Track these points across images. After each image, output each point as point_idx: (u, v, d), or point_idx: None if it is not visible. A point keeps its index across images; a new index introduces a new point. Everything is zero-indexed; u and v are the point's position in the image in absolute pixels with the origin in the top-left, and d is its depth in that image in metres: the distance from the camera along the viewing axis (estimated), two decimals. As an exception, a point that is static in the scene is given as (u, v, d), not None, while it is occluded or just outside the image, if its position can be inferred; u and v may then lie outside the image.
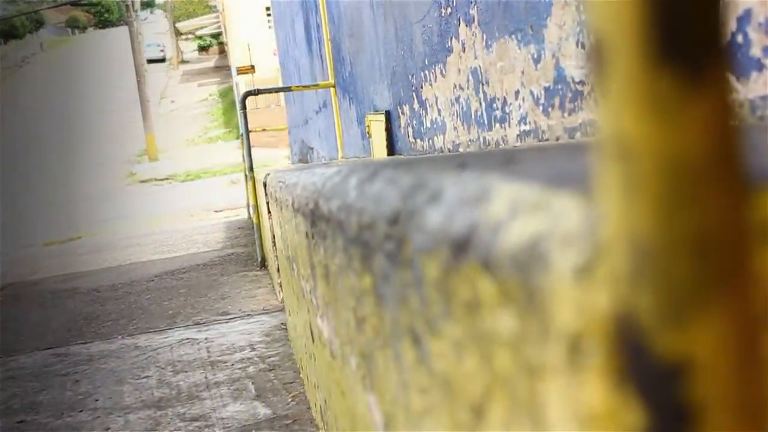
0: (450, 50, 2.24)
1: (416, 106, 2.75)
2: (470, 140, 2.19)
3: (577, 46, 1.43)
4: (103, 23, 54.61)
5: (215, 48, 40.02)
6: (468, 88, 2.14)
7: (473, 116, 2.14)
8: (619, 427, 0.33)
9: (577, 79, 1.42)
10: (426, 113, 2.63)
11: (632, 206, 0.30)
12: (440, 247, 0.47)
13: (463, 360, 0.46)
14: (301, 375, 2.29)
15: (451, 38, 2.21)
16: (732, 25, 0.86)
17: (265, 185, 3.22)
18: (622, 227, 0.30)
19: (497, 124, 1.97)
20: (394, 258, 0.58)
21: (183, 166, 18.24)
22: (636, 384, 0.30)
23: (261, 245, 4.60)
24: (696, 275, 0.29)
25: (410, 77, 2.75)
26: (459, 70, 2.19)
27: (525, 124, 1.75)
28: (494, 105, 1.96)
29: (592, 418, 0.33)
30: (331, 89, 4.62)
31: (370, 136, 3.58)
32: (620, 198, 0.30)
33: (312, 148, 6.50)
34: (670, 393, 0.29)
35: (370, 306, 0.70)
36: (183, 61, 39.75)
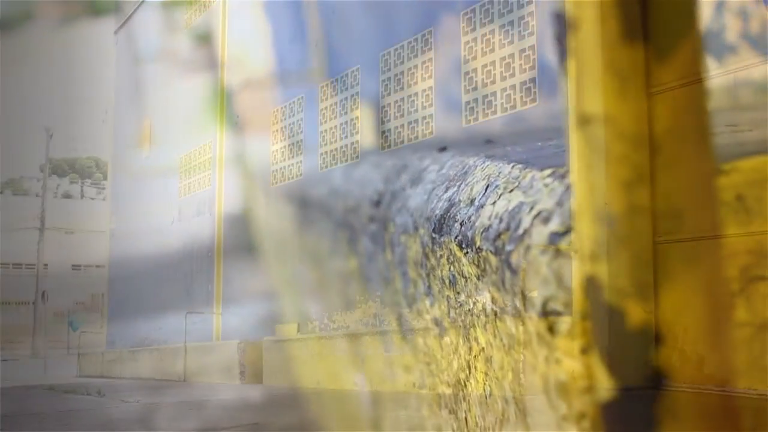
0: (435, 41, 2.24)
1: (403, 95, 2.75)
2: (454, 128, 2.20)
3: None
4: (95, 15, 54.19)
5: (207, 42, 39.67)
6: (453, 76, 2.15)
7: (458, 104, 2.14)
8: (591, 389, 0.34)
9: (555, 66, 1.43)
10: (412, 102, 2.63)
11: (598, 179, 0.31)
12: (421, 226, 0.48)
13: (445, 335, 0.47)
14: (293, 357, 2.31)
15: (436, 28, 2.22)
16: (707, 10, 0.87)
17: (255, 175, 3.22)
18: (589, 200, 0.32)
19: (480, 112, 1.98)
20: (378, 239, 0.59)
21: (178, 157, 18.13)
22: (604, 348, 0.32)
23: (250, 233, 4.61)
24: (660, 243, 0.31)
25: (397, 67, 2.75)
26: (444, 59, 2.19)
27: (507, 110, 1.76)
28: (478, 92, 1.97)
29: (565, 382, 0.34)
30: (319, 80, 4.61)
31: (357, 126, 3.58)
32: (587, 171, 0.32)
33: (301, 141, 6.50)
34: (637, 357, 0.31)
35: (357, 287, 0.71)
36: (175, 56, 39.38)
